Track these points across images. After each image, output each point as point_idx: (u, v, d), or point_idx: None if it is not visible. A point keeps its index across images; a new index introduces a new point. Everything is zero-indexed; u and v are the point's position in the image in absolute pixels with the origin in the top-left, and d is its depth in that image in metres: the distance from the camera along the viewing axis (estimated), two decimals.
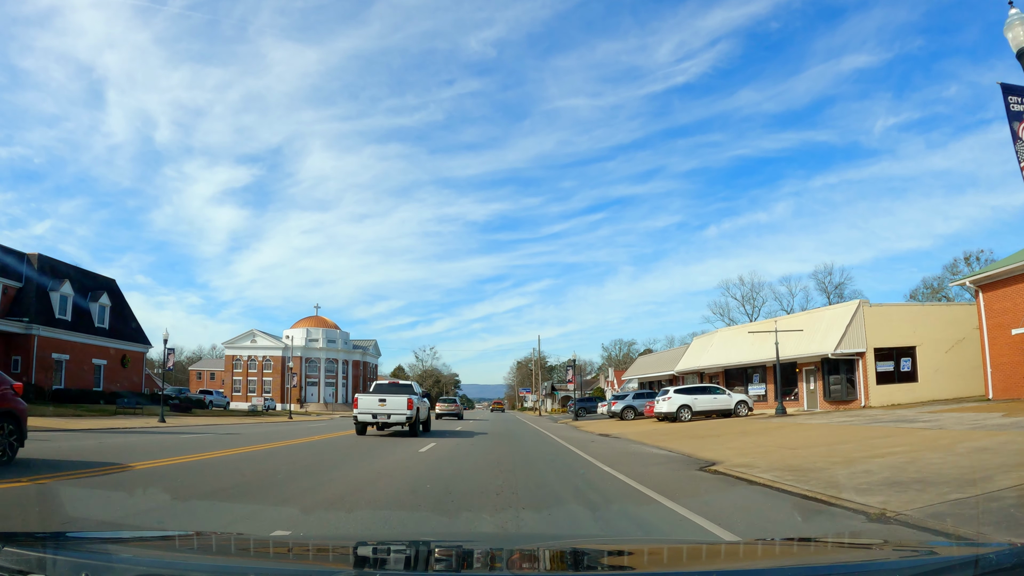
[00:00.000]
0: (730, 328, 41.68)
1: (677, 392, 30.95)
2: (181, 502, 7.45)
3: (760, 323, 33.57)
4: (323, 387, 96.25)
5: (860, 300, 32.35)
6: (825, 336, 31.20)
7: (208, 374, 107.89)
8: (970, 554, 1.88)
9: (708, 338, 42.80)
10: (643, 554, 2.67)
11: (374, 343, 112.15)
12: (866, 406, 29.57)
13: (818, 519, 6.85)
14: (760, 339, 35.60)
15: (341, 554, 2.60)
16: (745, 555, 2.62)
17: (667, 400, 30.55)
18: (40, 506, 7.08)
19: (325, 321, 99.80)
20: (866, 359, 30.09)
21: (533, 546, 2.91)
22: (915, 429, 15.70)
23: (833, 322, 31.43)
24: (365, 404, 20.71)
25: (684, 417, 30.05)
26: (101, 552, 2.16)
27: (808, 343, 31.57)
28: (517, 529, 6.11)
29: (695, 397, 30.68)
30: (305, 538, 4.94)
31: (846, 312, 31.16)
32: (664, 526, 6.62)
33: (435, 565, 2.30)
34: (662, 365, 49.68)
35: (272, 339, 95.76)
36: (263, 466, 12.08)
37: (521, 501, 7.63)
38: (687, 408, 30.28)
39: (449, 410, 42.69)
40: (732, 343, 38.43)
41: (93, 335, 48.23)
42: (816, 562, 2.29)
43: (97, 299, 49.81)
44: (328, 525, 6.30)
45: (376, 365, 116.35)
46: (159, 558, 2.15)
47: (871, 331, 30.30)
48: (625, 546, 3.20)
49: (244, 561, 2.35)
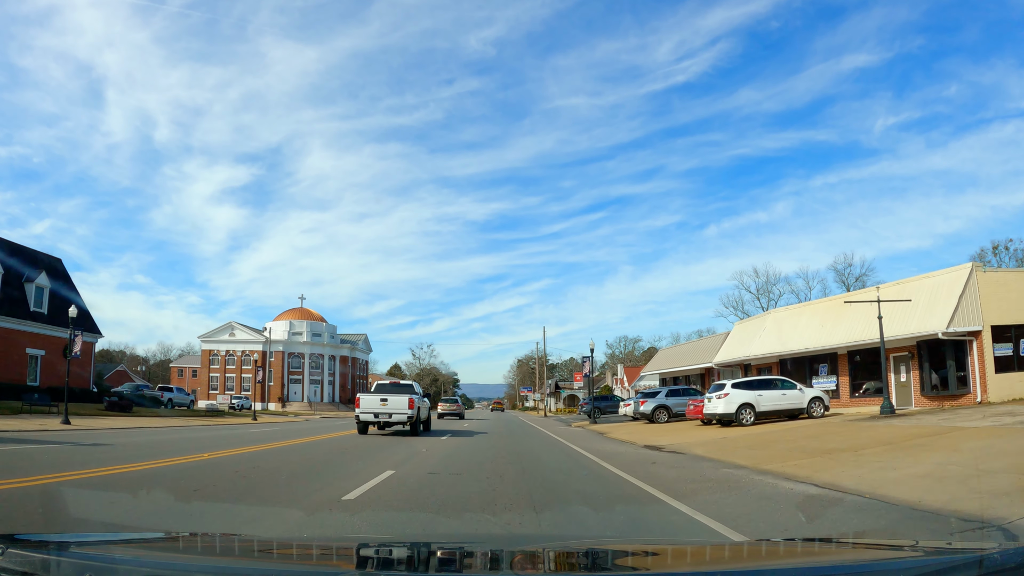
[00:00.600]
0: (787, 308, 34.43)
1: (736, 387, 23.84)
2: None
3: (857, 292, 26.41)
4: (307, 385, 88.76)
5: (972, 263, 25.23)
6: (929, 311, 24.02)
7: (190, 371, 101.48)
8: (974, 554, 1.87)
9: (756, 322, 35.51)
10: (652, 555, 2.64)
11: (364, 338, 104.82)
12: (983, 401, 22.55)
13: None
14: (834, 317, 28.51)
15: (344, 555, 2.64)
16: (750, 555, 2.59)
17: (723, 398, 23.45)
18: None
19: (310, 313, 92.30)
20: (982, 340, 22.99)
21: (538, 547, 2.91)
22: None
23: (937, 293, 24.23)
24: (367, 403, 21.02)
25: (745, 419, 23.00)
26: (105, 554, 2.16)
27: (902, 321, 24.37)
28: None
29: (759, 393, 23.60)
30: (308, 539, 4.81)
31: (955, 279, 23.92)
32: None
33: (438, 566, 2.29)
34: (691, 358, 42.50)
35: (252, 332, 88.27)
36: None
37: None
38: (749, 408, 23.21)
39: (451, 410, 43.51)
40: (791, 326, 31.18)
41: (26, 321, 41.23)
42: (819, 562, 2.26)
43: (33, 280, 42.69)
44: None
45: (367, 362, 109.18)
46: (162, 559, 2.18)
47: (987, 304, 23.23)
48: (635, 547, 3.17)
49: (247, 562, 2.38)
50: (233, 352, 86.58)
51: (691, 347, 45.43)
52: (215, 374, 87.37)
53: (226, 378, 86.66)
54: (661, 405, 31.10)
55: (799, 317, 31.43)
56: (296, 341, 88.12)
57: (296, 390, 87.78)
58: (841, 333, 27.75)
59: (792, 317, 32.11)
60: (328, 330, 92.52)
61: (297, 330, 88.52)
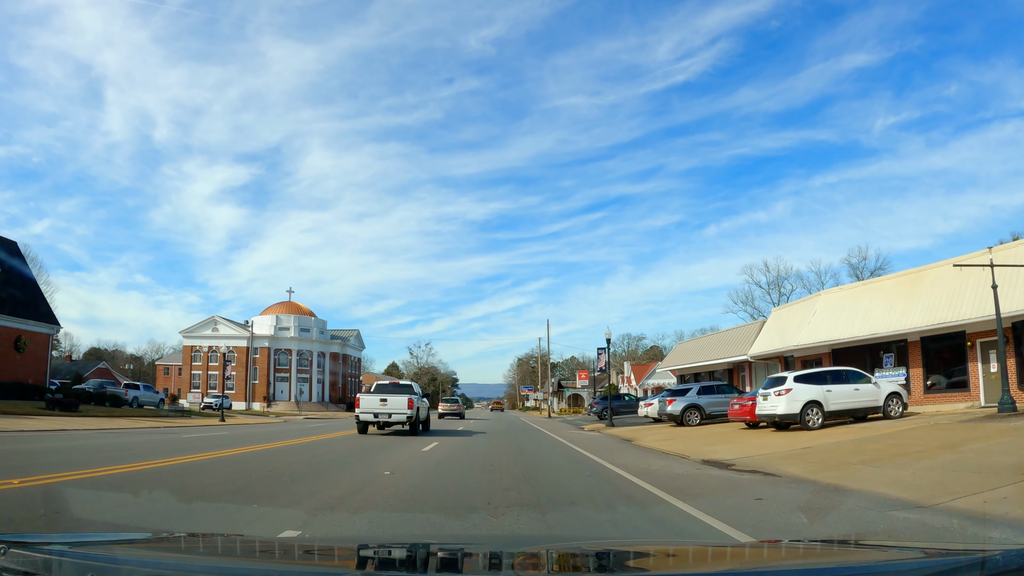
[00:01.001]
0: (842, 289, 29.11)
1: (800, 380, 18.77)
2: None
3: (967, 256, 21.34)
4: (295, 383, 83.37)
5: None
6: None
7: (176, 369, 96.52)
8: (977, 556, 1.85)
9: (801, 307, 30.19)
10: (656, 556, 2.61)
11: (356, 333, 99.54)
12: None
13: None
14: (904, 297, 23.41)
15: (346, 556, 2.63)
16: (753, 557, 2.55)
17: (784, 395, 18.43)
18: None
19: (298, 307, 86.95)
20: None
21: (539, 549, 2.84)
22: None
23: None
24: (367, 404, 21.29)
25: (812, 421, 18.02)
26: (107, 554, 2.14)
27: (1000, 296, 19.23)
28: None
29: (827, 388, 18.58)
30: (310, 539, 4.96)
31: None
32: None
33: (439, 567, 2.24)
34: (717, 351, 37.35)
35: (237, 327, 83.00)
36: None
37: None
38: (816, 407, 18.20)
39: (451, 410, 44.75)
40: (848, 309, 26.05)
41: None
42: (820, 563, 2.24)
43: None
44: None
45: (359, 359, 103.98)
46: (165, 560, 2.16)
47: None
48: (637, 547, 3.13)
49: (250, 563, 2.36)
50: (216, 348, 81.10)
51: (716, 339, 40.23)
52: (197, 371, 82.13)
53: (208, 376, 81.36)
54: (692, 405, 26.02)
55: (859, 299, 26.20)
56: (283, 336, 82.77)
57: (283, 388, 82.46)
58: (916, 315, 22.65)
59: (850, 299, 26.85)
60: (317, 325, 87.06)
61: (284, 325, 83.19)
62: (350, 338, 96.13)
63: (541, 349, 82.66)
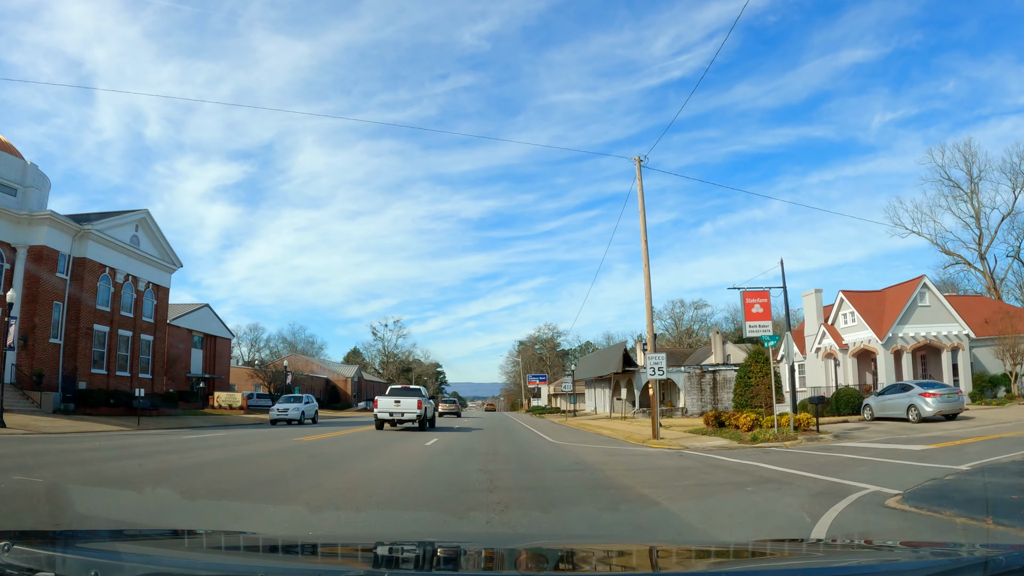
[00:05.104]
0: None
1: None
2: None
3: None
4: None
5: None
6: None
7: None
8: (980, 556, 1.86)
9: None
10: (646, 554, 2.61)
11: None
12: None
13: None
14: None
15: (349, 553, 2.64)
16: (757, 556, 2.53)
17: None
18: None
19: None
20: None
21: (540, 545, 2.88)
22: None
23: None
24: (384, 405, 25.46)
25: None
26: (110, 550, 2.12)
27: None
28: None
29: None
30: (314, 537, 5.14)
31: None
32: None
33: (440, 565, 2.29)
34: None
35: None
36: None
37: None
38: None
39: (450, 409, 51.54)
40: None
41: None
42: (824, 563, 2.21)
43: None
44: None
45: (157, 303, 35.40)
46: (168, 556, 2.11)
47: None
48: (627, 546, 3.15)
49: (253, 560, 2.36)
50: None
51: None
52: None
53: None
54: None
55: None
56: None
57: None
58: None
59: None
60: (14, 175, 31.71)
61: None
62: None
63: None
